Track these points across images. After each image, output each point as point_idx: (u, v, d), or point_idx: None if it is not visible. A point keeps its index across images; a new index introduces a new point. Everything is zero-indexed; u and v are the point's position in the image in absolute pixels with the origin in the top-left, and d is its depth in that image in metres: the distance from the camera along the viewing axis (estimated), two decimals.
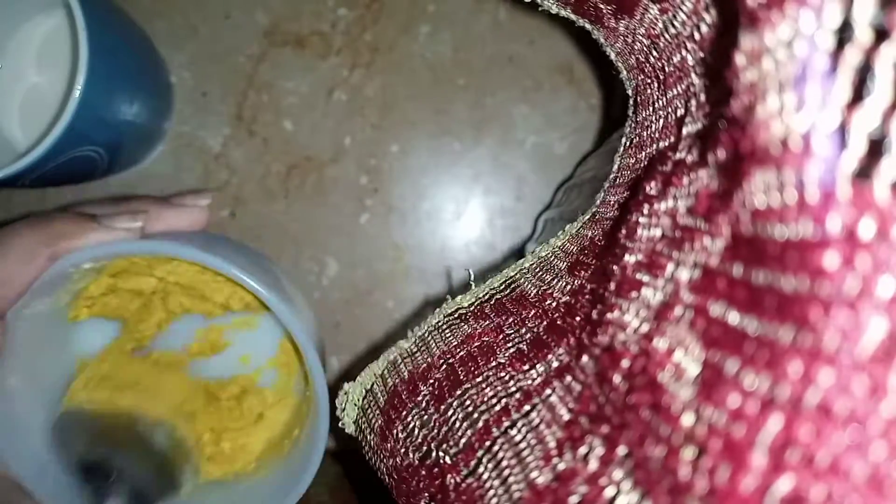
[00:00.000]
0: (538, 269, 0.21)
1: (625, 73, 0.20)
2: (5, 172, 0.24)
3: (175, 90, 0.33)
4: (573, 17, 0.20)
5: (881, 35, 0.08)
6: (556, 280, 0.20)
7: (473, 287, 0.22)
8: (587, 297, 0.18)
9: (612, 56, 0.20)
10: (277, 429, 0.28)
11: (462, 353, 0.19)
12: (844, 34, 0.08)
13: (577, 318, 0.17)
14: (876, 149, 0.08)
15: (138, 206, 0.24)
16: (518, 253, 0.34)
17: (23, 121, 0.30)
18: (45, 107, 0.29)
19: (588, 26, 0.20)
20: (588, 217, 0.21)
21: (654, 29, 0.16)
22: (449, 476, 0.16)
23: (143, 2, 0.33)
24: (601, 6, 0.18)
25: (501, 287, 0.22)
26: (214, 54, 0.33)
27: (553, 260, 0.21)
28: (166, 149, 0.34)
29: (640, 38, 0.17)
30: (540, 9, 0.21)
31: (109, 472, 0.22)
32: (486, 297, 0.21)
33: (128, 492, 0.22)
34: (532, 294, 0.20)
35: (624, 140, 0.20)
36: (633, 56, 0.19)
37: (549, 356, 0.17)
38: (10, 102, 0.30)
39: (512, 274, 0.22)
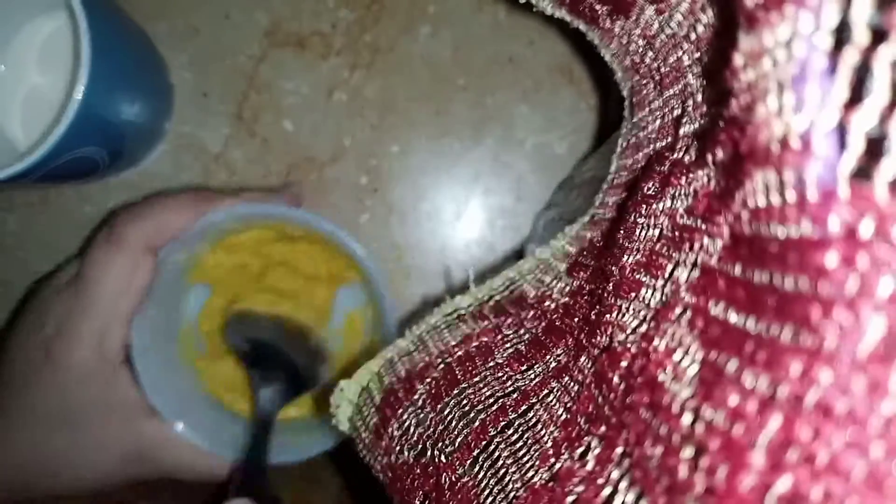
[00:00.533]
0: (537, 271, 0.21)
1: (620, 74, 0.20)
2: (6, 173, 0.24)
3: (175, 90, 0.33)
4: (568, 18, 0.20)
5: (879, 35, 0.08)
6: (555, 282, 0.20)
7: (473, 288, 0.22)
8: (586, 298, 0.18)
9: (608, 57, 0.20)
10: None
11: (460, 352, 0.19)
12: (843, 34, 0.08)
13: (576, 320, 0.17)
14: (875, 148, 0.08)
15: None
16: (518, 253, 0.34)
17: (24, 121, 0.30)
18: (46, 108, 0.29)
19: (583, 28, 0.20)
20: (587, 219, 0.21)
21: (649, 30, 0.16)
22: (444, 475, 0.16)
23: (144, 3, 0.33)
24: (596, 7, 0.18)
25: (501, 288, 0.22)
26: (215, 55, 0.33)
27: (552, 262, 0.21)
28: (167, 149, 0.34)
29: (636, 38, 0.17)
30: (535, 10, 0.21)
31: (275, 355, 0.29)
32: (486, 298, 0.21)
33: (285, 378, 0.28)
34: (531, 295, 0.20)
35: (621, 141, 0.20)
36: (628, 57, 0.19)
37: (548, 357, 0.17)
38: (12, 103, 0.30)
39: (511, 275, 0.22)
